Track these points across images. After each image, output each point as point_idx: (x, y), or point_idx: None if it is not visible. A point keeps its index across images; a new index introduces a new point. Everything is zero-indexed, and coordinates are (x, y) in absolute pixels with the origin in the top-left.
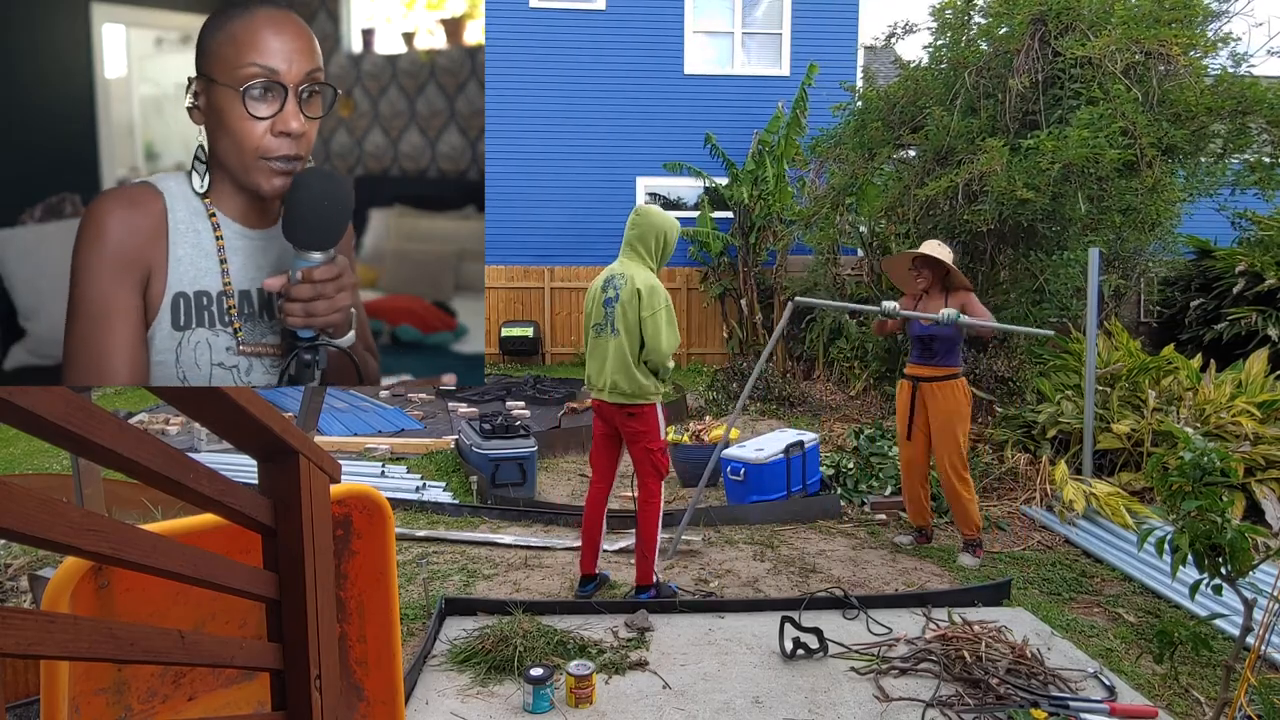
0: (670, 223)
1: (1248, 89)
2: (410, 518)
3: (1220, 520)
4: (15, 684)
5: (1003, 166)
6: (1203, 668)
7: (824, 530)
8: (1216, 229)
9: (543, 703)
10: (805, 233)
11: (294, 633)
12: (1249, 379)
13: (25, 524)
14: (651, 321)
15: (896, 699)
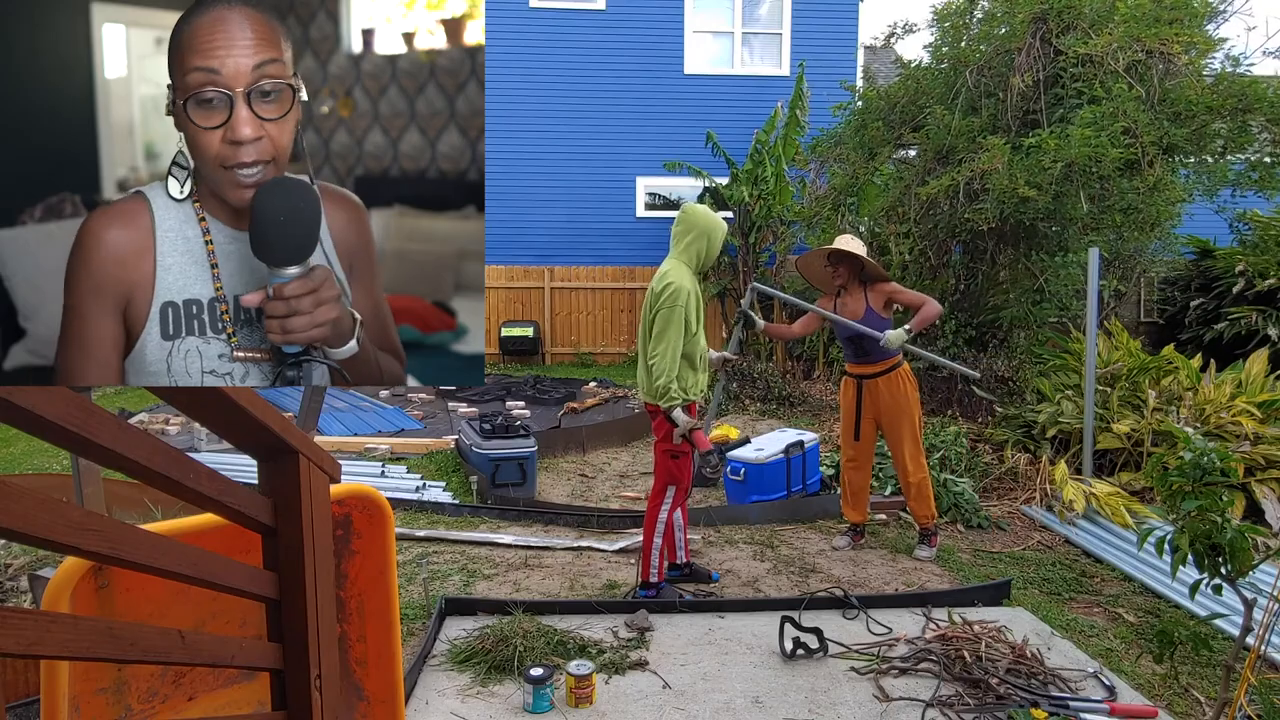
0: (714, 223)
1: (1248, 88)
2: (410, 518)
3: (1220, 520)
4: (15, 684)
5: (1004, 165)
6: (1203, 668)
7: (824, 530)
8: (1216, 229)
9: (543, 703)
10: (806, 233)
11: (294, 633)
12: (1249, 379)
13: (25, 524)
14: (655, 321)
15: (896, 699)
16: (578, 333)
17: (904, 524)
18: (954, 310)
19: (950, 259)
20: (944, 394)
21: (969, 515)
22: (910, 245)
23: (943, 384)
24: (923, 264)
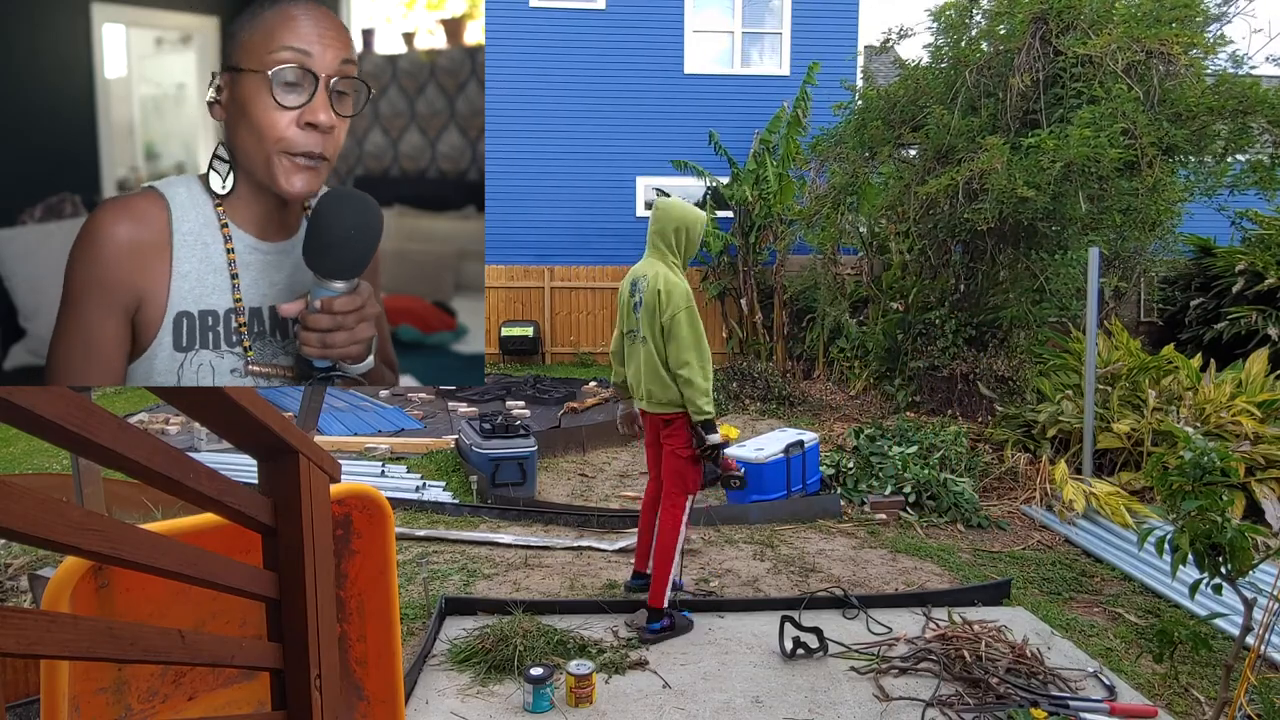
0: (692, 215)
1: (1249, 89)
2: (410, 517)
3: (1220, 520)
4: (15, 684)
5: (1003, 165)
6: (1202, 667)
7: (824, 530)
8: (1216, 228)
9: (543, 702)
10: (807, 233)
11: (294, 632)
12: (1249, 378)
13: (25, 524)
14: (671, 326)
15: (896, 698)
16: (578, 333)
17: (904, 524)
18: (954, 310)
19: (950, 259)
20: (944, 394)
21: (969, 515)
22: (910, 245)
23: (943, 384)
24: (923, 264)
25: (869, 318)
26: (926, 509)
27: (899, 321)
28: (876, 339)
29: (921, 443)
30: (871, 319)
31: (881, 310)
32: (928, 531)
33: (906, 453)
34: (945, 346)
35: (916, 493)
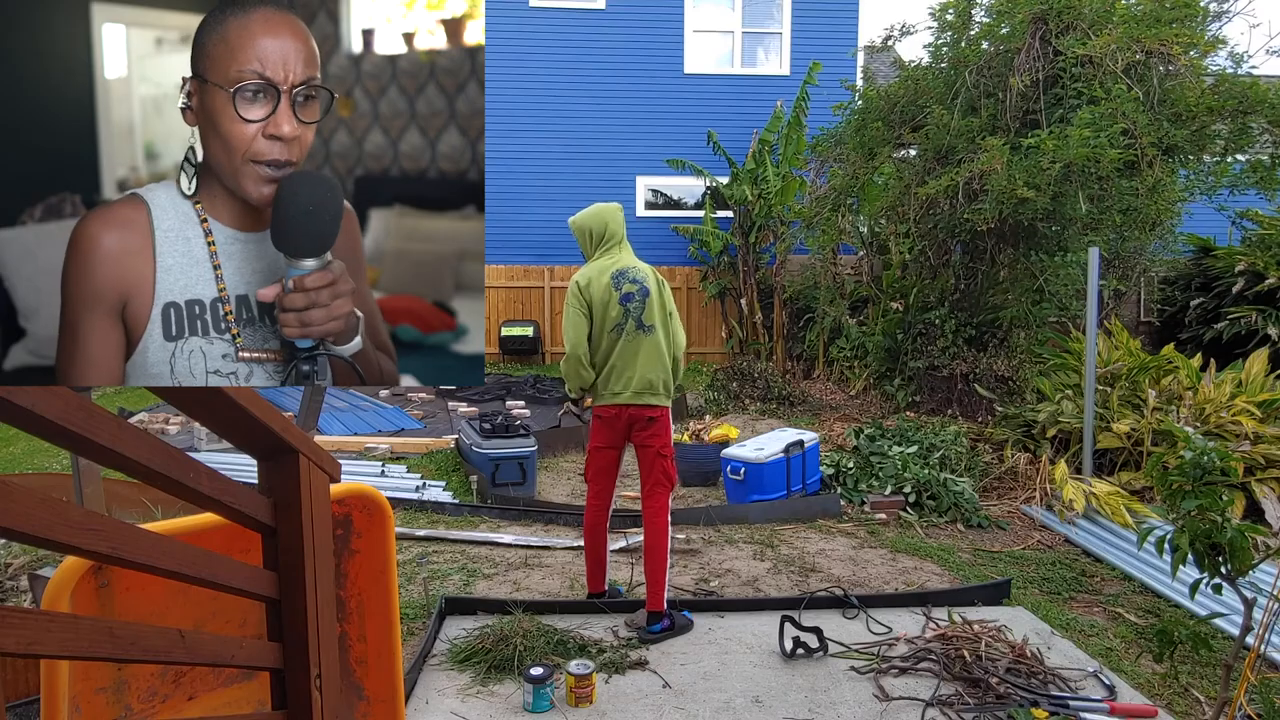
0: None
1: (1249, 89)
2: (410, 517)
3: (1220, 519)
4: (15, 684)
5: (1003, 165)
6: (1202, 667)
7: (824, 530)
8: (1216, 228)
9: (543, 702)
10: (807, 236)
11: (294, 632)
12: (1249, 378)
13: (25, 523)
14: (674, 310)
15: (896, 698)
16: None
17: (904, 524)
18: (954, 310)
19: (950, 259)
20: (944, 393)
21: (969, 515)
22: (910, 245)
23: (943, 383)
24: (922, 264)
25: (869, 317)
26: (926, 509)
27: (899, 321)
28: (876, 339)
29: (921, 443)
30: (871, 319)
31: (881, 310)
32: (928, 531)
33: (906, 453)
34: (945, 346)
35: (916, 493)
